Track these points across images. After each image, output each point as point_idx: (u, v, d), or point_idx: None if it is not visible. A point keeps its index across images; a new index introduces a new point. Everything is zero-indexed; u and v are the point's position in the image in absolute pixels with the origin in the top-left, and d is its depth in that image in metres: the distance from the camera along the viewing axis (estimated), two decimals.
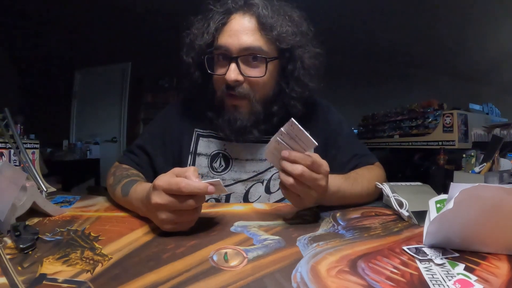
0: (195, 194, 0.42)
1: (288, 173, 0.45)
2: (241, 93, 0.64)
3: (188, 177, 0.42)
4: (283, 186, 0.48)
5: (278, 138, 0.46)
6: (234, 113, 0.66)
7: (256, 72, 0.64)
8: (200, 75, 0.70)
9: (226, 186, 0.70)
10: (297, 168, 0.44)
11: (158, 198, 0.42)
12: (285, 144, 0.46)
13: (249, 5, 0.64)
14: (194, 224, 0.45)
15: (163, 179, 0.43)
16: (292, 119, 0.43)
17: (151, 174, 0.71)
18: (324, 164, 0.47)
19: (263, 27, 0.63)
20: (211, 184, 0.42)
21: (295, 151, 0.45)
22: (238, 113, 0.66)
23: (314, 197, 0.48)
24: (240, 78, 0.63)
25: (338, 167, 0.70)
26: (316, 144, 0.44)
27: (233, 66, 0.62)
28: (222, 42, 0.63)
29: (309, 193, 0.47)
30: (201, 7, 0.68)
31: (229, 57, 0.63)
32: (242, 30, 0.63)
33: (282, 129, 0.45)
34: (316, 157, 0.46)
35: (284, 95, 0.69)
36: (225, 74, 0.63)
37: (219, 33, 0.64)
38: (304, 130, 0.43)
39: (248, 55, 0.63)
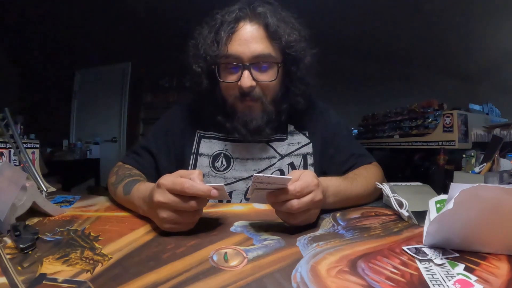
0: (198, 196, 0.42)
1: (285, 212, 0.45)
2: (254, 96, 0.67)
3: (192, 179, 0.43)
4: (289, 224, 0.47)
5: (255, 190, 0.45)
6: (249, 114, 0.68)
7: (266, 77, 0.67)
8: (208, 82, 0.70)
9: (227, 184, 0.72)
10: (292, 205, 0.43)
11: (161, 197, 0.42)
12: (264, 190, 0.45)
13: (256, 14, 0.66)
14: (193, 227, 0.45)
15: (167, 179, 0.43)
16: (254, 174, 0.42)
17: (153, 175, 0.72)
18: (310, 180, 0.45)
19: (271, 34, 0.65)
20: (214, 188, 0.42)
21: (277, 190, 0.44)
22: (253, 114, 0.68)
23: (318, 211, 0.49)
24: (254, 83, 0.65)
25: (336, 166, 0.74)
26: (291, 177, 0.43)
27: (246, 73, 0.64)
28: (233, 51, 0.64)
29: (313, 212, 0.47)
30: (203, 15, 0.69)
31: (240, 65, 0.64)
32: (252, 39, 0.64)
33: (251, 185, 0.43)
34: (299, 183, 0.44)
35: (290, 94, 0.73)
36: (237, 81, 0.65)
37: (228, 42, 0.64)
38: (271, 175, 0.42)
39: (259, 62, 0.65)
